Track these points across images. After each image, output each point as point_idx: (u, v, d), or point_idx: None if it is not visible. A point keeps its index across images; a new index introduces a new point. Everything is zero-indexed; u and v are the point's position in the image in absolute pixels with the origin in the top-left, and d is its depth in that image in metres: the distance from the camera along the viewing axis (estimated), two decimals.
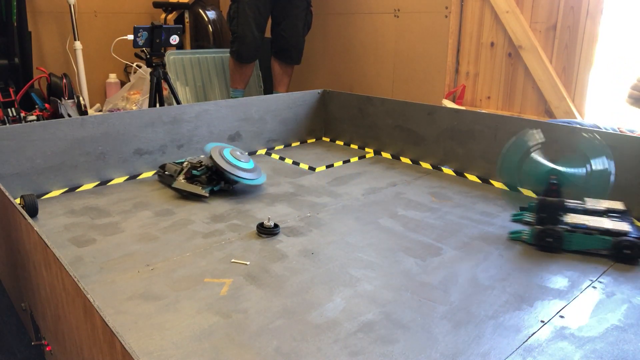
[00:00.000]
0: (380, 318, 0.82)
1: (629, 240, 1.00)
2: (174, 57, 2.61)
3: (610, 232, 1.02)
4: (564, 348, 0.75)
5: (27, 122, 2.19)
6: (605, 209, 1.12)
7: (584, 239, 1.04)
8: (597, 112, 1.90)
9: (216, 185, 1.38)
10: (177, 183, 1.35)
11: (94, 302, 0.56)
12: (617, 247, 1.01)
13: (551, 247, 1.05)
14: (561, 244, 1.05)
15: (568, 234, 1.05)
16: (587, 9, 1.83)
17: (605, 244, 1.03)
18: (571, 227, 1.05)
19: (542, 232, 1.05)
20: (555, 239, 1.05)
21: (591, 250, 1.05)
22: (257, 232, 1.13)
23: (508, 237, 1.13)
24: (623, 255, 1.01)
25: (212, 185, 1.37)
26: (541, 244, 1.06)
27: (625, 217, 1.09)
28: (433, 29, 2.30)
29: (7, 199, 0.88)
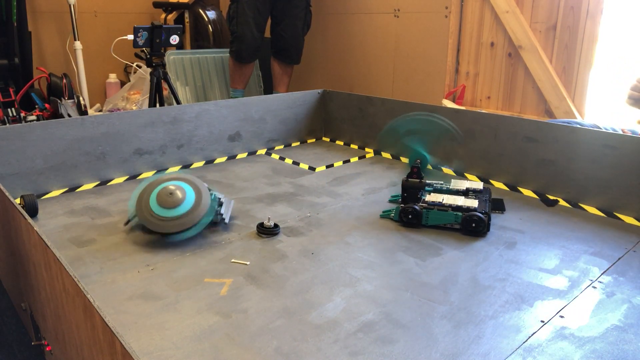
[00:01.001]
0: (380, 318, 0.82)
1: (476, 215, 1.11)
2: (174, 57, 2.61)
3: (461, 208, 1.14)
4: (564, 348, 0.75)
5: (27, 122, 2.19)
6: (466, 189, 1.26)
7: (439, 215, 1.15)
8: (597, 112, 1.91)
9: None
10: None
11: (94, 302, 0.56)
12: (466, 221, 1.12)
13: (411, 223, 1.17)
14: (420, 220, 1.16)
15: (425, 211, 1.16)
16: (587, 9, 1.83)
17: (456, 219, 1.14)
18: (428, 204, 1.17)
19: (404, 210, 1.17)
20: (414, 215, 1.16)
21: (446, 225, 1.15)
22: (257, 232, 1.13)
23: (380, 216, 1.23)
24: (470, 228, 1.13)
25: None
26: (404, 220, 1.17)
27: (483, 195, 1.23)
28: (433, 29, 2.30)
29: (7, 199, 0.88)
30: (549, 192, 1.37)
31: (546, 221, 1.22)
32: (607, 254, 1.05)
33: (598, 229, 1.18)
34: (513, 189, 1.44)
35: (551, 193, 1.37)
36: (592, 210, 1.28)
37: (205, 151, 1.70)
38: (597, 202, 1.29)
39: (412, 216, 1.16)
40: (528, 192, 1.41)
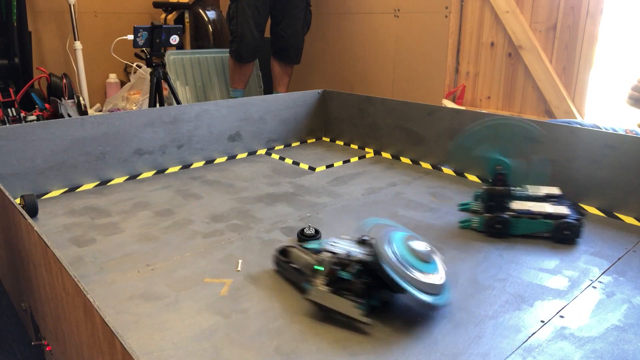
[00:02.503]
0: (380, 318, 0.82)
1: (568, 222, 1.08)
2: (174, 57, 2.61)
3: (552, 215, 1.10)
4: (564, 348, 0.75)
5: (27, 122, 2.19)
6: (545, 195, 1.20)
7: (528, 224, 1.11)
8: (597, 112, 1.91)
9: (374, 299, 0.83)
10: (316, 293, 0.82)
11: (94, 302, 0.56)
12: (558, 229, 1.09)
13: (499, 233, 1.12)
14: (509, 229, 1.12)
15: (514, 220, 1.11)
16: (587, 9, 1.83)
17: (547, 227, 1.10)
18: (517, 213, 1.12)
19: (491, 220, 1.12)
20: (503, 225, 1.12)
21: (535, 234, 1.11)
22: (298, 240, 1.10)
23: (458, 227, 1.18)
24: (563, 236, 1.09)
25: (368, 297, 0.82)
26: (491, 230, 1.13)
27: (563, 200, 1.18)
28: (433, 29, 2.30)
29: (7, 199, 0.88)
30: None
31: None
32: (607, 254, 1.05)
33: (598, 229, 1.18)
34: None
35: None
36: (592, 210, 1.28)
37: (205, 151, 1.70)
38: (597, 202, 1.29)
39: (501, 226, 1.11)
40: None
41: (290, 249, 0.94)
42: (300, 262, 0.90)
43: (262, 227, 1.18)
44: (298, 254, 0.92)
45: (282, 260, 0.94)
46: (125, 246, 1.08)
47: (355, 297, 0.80)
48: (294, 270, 0.91)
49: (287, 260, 0.93)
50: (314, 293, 0.82)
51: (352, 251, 0.86)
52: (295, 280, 0.91)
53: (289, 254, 0.94)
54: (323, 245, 0.89)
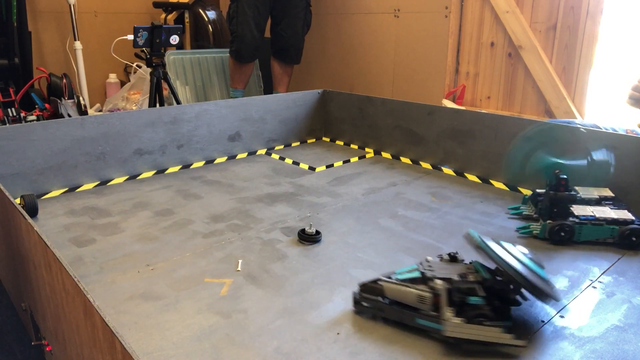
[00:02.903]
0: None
1: (635, 228, 1.05)
2: (174, 57, 2.61)
3: (617, 221, 1.07)
4: (564, 348, 0.75)
5: (27, 122, 2.19)
6: (599, 197, 1.16)
7: (593, 230, 1.08)
8: (597, 112, 1.91)
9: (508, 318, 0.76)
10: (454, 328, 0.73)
11: (94, 302, 0.56)
12: (624, 235, 1.06)
13: (563, 240, 1.09)
14: (572, 236, 1.08)
15: (578, 227, 1.08)
16: (587, 9, 1.83)
17: (612, 233, 1.07)
18: (580, 219, 1.08)
19: (555, 227, 1.08)
20: (567, 232, 1.08)
21: (599, 240, 1.08)
22: (299, 239, 1.10)
23: (518, 234, 1.14)
24: (630, 242, 1.05)
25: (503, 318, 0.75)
26: (555, 238, 1.09)
27: (620, 204, 1.14)
28: (433, 29, 2.30)
29: (7, 199, 0.88)
30: None
31: None
32: (607, 254, 1.05)
33: None
34: (513, 189, 1.44)
35: None
36: None
37: (205, 151, 1.70)
38: None
39: (565, 233, 1.08)
40: (528, 192, 1.40)
41: (382, 284, 0.80)
42: (405, 297, 0.78)
43: (262, 227, 1.18)
44: (397, 288, 0.79)
45: (371, 298, 0.81)
46: (125, 246, 1.08)
47: (493, 322, 0.73)
48: (398, 308, 0.79)
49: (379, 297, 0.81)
50: (451, 329, 0.73)
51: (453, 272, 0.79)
52: (400, 318, 0.79)
53: (383, 290, 0.80)
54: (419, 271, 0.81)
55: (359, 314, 0.83)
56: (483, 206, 1.31)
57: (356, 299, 0.83)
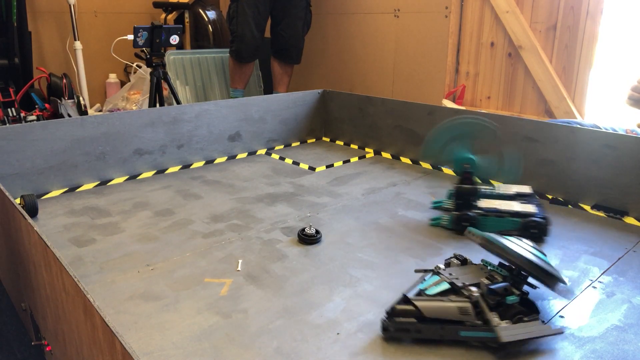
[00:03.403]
0: (380, 318, 0.82)
1: (535, 221, 1.09)
2: (174, 57, 2.61)
3: (519, 214, 1.11)
4: (564, 348, 0.75)
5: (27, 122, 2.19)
6: (515, 193, 1.21)
7: (496, 222, 1.12)
8: (597, 112, 1.90)
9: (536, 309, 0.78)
10: (508, 332, 0.71)
11: (94, 302, 0.56)
12: (525, 227, 1.09)
13: None
14: (476, 227, 1.09)
15: (482, 218, 1.13)
16: (587, 9, 1.83)
17: (514, 225, 1.10)
18: (484, 211, 1.13)
19: (459, 218, 1.13)
20: (470, 223, 1.12)
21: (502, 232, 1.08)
22: (299, 239, 1.10)
23: (429, 224, 1.19)
24: (531, 234, 1.09)
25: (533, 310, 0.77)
26: (459, 228, 1.13)
27: (532, 199, 1.18)
28: (433, 29, 2.30)
29: (7, 199, 0.88)
30: (549, 192, 1.37)
31: None
32: (607, 254, 1.05)
33: (598, 229, 1.18)
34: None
35: (551, 193, 1.37)
36: (591, 210, 1.28)
37: (205, 151, 1.70)
38: (597, 202, 1.29)
39: (469, 223, 1.12)
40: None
41: (419, 305, 0.75)
42: (447, 313, 0.75)
43: (262, 227, 1.18)
44: (436, 305, 0.75)
45: (406, 322, 0.76)
46: (125, 246, 1.08)
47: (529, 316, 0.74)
48: (438, 324, 0.75)
49: (414, 319, 0.76)
50: (505, 333, 0.71)
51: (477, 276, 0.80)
52: (442, 335, 0.75)
53: (420, 311, 0.75)
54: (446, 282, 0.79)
55: (390, 340, 0.77)
56: None
57: (386, 326, 0.76)
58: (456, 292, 0.78)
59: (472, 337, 0.74)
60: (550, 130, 1.36)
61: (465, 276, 0.81)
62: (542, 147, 1.38)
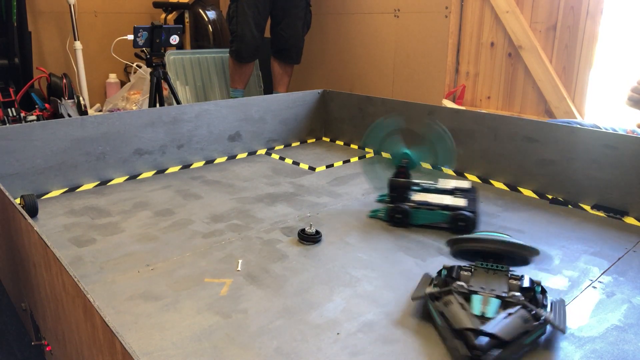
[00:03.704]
0: (380, 318, 0.82)
1: (462, 214, 1.13)
2: (174, 57, 2.61)
3: (449, 207, 1.15)
4: (564, 348, 0.75)
5: (27, 122, 2.19)
6: (453, 188, 1.26)
7: (427, 214, 1.16)
8: (597, 112, 1.90)
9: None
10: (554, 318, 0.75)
11: (94, 302, 0.56)
12: (453, 220, 1.13)
13: (401, 222, 1.18)
14: (409, 219, 1.17)
15: (414, 211, 1.17)
16: (587, 9, 1.83)
17: (444, 218, 1.15)
18: (416, 204, 1.18)
19: (392, 210, 1.18)
20: (403, 215, 1.17)
21: (432, 224, 1.17)
22: (299, 239, 1.10)
23: (368, 216, 1.24)
24: (458, 226, 1.13)
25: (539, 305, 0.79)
26: (393, 220, 1.18)
27: (469, 194, 1.23)
28: (433, 29, 2.30)
29: (7, 199, 0.88)
30: (549, 192, 1.37)
31: (546, 221, 1.22)
32: (607, 254, 1.05)
33: (598, 229, 1.18)
34: (513, 189, 1.44)
35: (551, 193, 1.37)
36: (591, 210, 1.28)
37: (205, 151, 1.70)
38: (597, 202, 1.29)
39: (402, 216, 1.17)
40: (528, 192, 1.41)
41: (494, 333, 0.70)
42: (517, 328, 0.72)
43: (262, 227, 1.18)
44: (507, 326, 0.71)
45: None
46: (125, 246, 1.08)
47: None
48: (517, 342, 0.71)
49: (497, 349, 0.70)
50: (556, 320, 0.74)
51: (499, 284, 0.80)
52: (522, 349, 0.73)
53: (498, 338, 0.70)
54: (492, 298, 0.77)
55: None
56: (483, 206, 1.31)
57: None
58: (505, 303, 0.76)
59: (534, 339, 0.74)
60: (550, 130, 1.36)
61: (492, 283, 0.80)
62: (542, 147, 1.38)
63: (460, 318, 0.73)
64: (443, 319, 0.76)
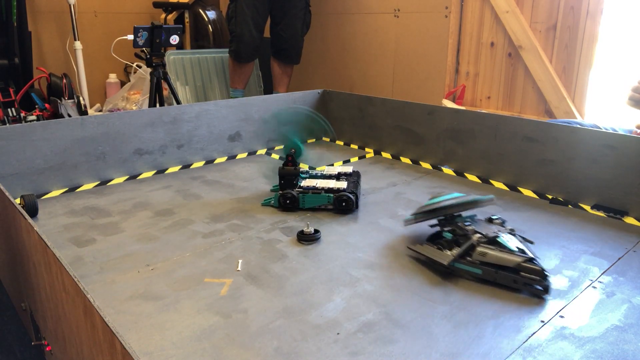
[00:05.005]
0: (380, 318, 0.82)
1: (345, 195, 1.23)
2: (174, 57, 2.61)
3: (332, 190, 1.25)
4: (564, 348, 0.75)
5: (27, 122, 2.19)
6: (338, 173, 1.37)
7: (314, 198, 1.25)
8: (597, 112, 1.91)
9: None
10: None
11: (94, 302, 0.56)
12: (338, 200, 1.24)
13: (290, 207, 1.26)
14: (297, 204, 1.26)
15: (302, 195, 1.26)
16: (587, 9, 1.83)
17: (329, 200, 1.25)
18: (304, 189, 1.27)
19: (282, 196, 1.26)
20: (292, 200, 1.25)
21: (321, 207, 1.26)
22: (298, 239, 1.11)
23: (262, 205, 1.31)
24: (342, 207, 1.24)
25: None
26: (284, 205, 1.26)
27: (352, 177, 1.35)
28: (433, 29, 2.30)
29: (7, 199, 0.88)
30: (549, 192, 1.37)
31: (546, 221, 1.22)
32: (607, 254, 1.05)
33: (598, 229, 1.18)
34: (513, 189, 1.44)
35: (551, 193, 1.37)
36: (592, 210, 1.28)
37: (205, 151, 1.70)
38: (597, 202, 1.29)
39: (290, 201, 1.25)
40: (528, 192, 1.41)
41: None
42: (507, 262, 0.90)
43: (262, 227, 1.18)
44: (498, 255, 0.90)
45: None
46: (125, 246, 1.08)
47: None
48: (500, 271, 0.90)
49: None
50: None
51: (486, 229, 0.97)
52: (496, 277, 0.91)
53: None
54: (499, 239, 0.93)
55: None
56: None
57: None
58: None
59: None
60: (550, 130, 1.36)
61: (487, 227, 0.99)
62: (542, 147, 1.38)
63: (510, 257, 0.89)
64: (491, 266, 0.90)
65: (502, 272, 0.90)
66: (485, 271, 0.91)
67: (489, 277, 0.91)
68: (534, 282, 0.88)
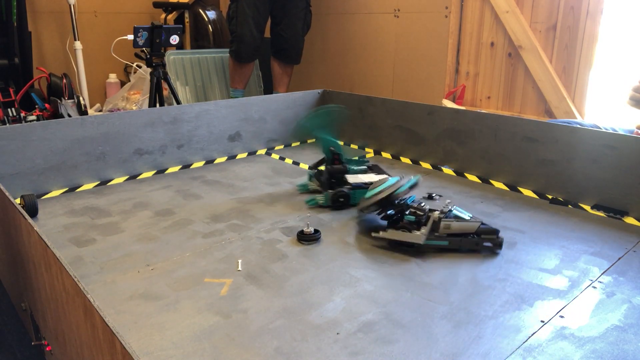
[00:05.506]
0: (380, 318, 0.82)
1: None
2: (174, 57, 2.61)
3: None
4: (564, 348, 0.75)
5: (27, 122, 2.19)
6: (366, 167, 1.39)
7: (363, 193, 1.22)
8: (597, 112, 1.91)
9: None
10: None
11: (94, 302, 0.56)
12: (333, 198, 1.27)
13: (343, 205, 1.27)
14: (349, 201, 1.27)
15: (352, 192, 1.27)
16: (587, 9, 1.83)
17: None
18: (353, 186, 1.28)
19: (335, 195, 1.27)
20: (345, 198, 1.27)
21: None
22: (298, 239, 1.11)
23: (307, 206, 1.30)
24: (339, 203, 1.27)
25: None
26: (336, 204, 1.27)
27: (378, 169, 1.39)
28: (433, 29, 2.30)
29: (7, 199, 0.88)
30: (549, 192, 1.37)
31: (546, 221, 1.22)
32: (607, 254, 1.05)
33: (598, 229, 1.18)
34: (513, 189, 1.44)
35: (551, 193, 1.37)
36: (592, 210, 1.28)
37: (205, 151, 1.70)
38: (597, 202, 1.29)
39: (343, 199, 1.27)
40: (528, 192, 1.41)
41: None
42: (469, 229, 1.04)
43: (262, 227, 1.18)
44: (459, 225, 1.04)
45: None
46: (125, 246, 1.08)
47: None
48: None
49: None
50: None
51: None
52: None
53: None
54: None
55: None
56: (483, 206, 1.31)
57: None
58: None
59: None
60: (550, 130, 1.36)
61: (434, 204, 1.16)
62: (542, 147, 1.38)
63: (470, 225, 1.03)
64: (455, 236, 1.03)
65: (465, 238, 1.03)
66: (451, 241, 1.03)
67: (454, 246, 1.03)
68: (492, 241, 1.03)
